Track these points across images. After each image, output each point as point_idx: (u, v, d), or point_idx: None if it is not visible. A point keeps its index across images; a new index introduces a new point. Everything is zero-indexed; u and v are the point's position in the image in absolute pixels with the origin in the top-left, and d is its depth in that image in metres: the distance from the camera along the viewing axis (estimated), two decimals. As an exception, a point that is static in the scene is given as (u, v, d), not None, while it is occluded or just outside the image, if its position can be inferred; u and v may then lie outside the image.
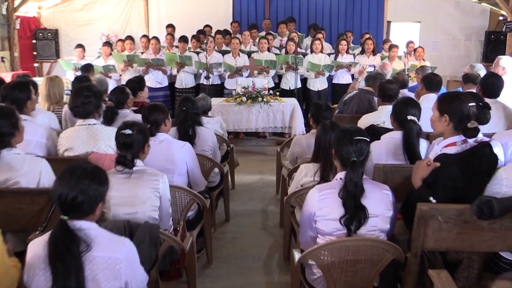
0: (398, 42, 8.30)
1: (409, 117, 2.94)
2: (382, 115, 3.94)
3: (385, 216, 2.27)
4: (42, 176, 2.48)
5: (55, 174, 2.50)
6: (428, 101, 4.04)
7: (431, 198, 2.30)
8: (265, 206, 4.81)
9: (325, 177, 2.90)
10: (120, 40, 7.98)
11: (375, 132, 3.72)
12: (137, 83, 4.77)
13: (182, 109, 3.81)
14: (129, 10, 10.08)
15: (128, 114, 4.05)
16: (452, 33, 10.27)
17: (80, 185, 1.78)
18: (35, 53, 9.92)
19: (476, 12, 10.16)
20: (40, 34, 9.83)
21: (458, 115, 2.37)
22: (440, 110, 2.44)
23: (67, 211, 1.79)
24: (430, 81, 4.17)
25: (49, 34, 9.90)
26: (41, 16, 10.10)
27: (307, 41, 8.94)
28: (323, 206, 2.24)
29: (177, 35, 8.06)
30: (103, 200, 1.89)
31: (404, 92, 4.70)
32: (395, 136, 3.04)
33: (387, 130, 3.71)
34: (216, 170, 3.92)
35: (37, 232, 2.29)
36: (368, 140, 2.29)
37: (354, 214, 2.20)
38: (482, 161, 2.29)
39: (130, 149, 2.46)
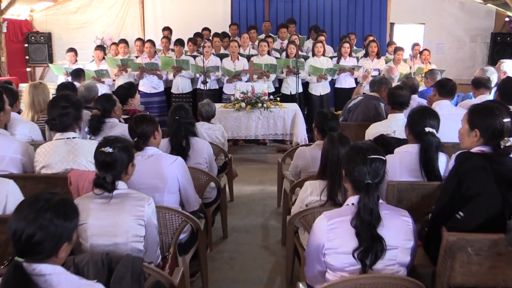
0: (402, 44, 7.99)
1: (427, 129, 2.62)
2: (393, 124, 3.63)
3: (405, 248, 1.95)
4: (9, 200, 2.17)
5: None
6: (441, 109, 3.74)
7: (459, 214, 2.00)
8: (266, 220, 4.49)
9: (332, 196, 2.58)
10: (114, 43, 7.68)
11: (386, 143, 3.41)
12: (127, 90, 4.45)
13: (174, 119, 3.50)
14: (124, 12, 9.79)
15: (116, 124, 3.74)
16: (457, 34, 9.98)
17: (40, 219, 1.47)
18: (27, 57, 9.63)
19: (482, 13, 9.88)
20: (32, 38, 9.54)
21: (490, 131, 2.06)
22: (470, 123, 2.13)
23: (23, 251, 1.47)
24: (444, 87, 3.85)
25: (42, 38, 9.61)
26: (33, 19, 9.80)
27: (308, 43, 8.64)
28: (333, 237, 1.92)
29: (174, 38, 7.76)
30: (69, 239, 1.56)
31: (415, 98, 4.39)
32: (411, 150, 2.72)
33: (399, 141, 3.41)
34: (212, 184, 3.60)
35: (1, 267, 1.96)
36: (384, 159, 1.98)
37: (370, 246, 1.87)
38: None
39: (111, 169, 2.14)
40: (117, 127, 3.67)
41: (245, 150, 7.20)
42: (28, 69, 9.78)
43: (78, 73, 5.97)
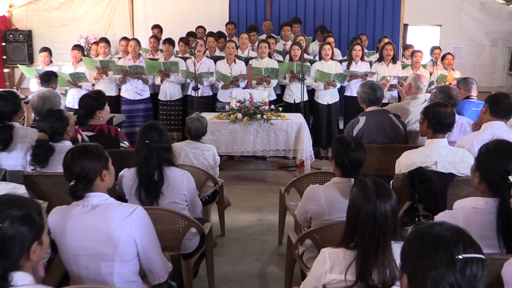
0: (417, 48, 7.14)
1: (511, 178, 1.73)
2: (433, 153, 2.75)
3: None
4: None
5: None
6: (494, 131, 2.87)
7: None
8: (264, 266, 3.59)
9: (365, 274, 1.70)
10: (94, 43, 6.80)
11: (425, 179, 2.53)
12: (94, 100, 3.57)
13: (144, 143, 2.62)
14: (112, 9, 8.93)
15: (68, 147, 2.84)
16: (477, 38, 9.13)
17: None
18: (4, 57, 8.75)
19: (504, 15, 9.02)
20: (11, 36, 8.67)
21: None
22: None
23: None
24: (498, 104, 2.97)
25: (21, 36, 8.74)
26: (12, 16, 8.94)
27: (314, 46, 7.77)
28: None
29: (165, 37, 6.88)
30: None
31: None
32: (483, 207, 1.84)
33: (443, 177, 2.53)
34: (194, 230, 2.71)
35: None
36: (484, 258, 1.09)
37: None
38: None
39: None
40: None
41: (241, 166, 6.31)
42: (6, 70, 8.90)
43: (47, 77, 5.07)
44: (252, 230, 4.21)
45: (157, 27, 7.64)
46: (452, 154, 2.76)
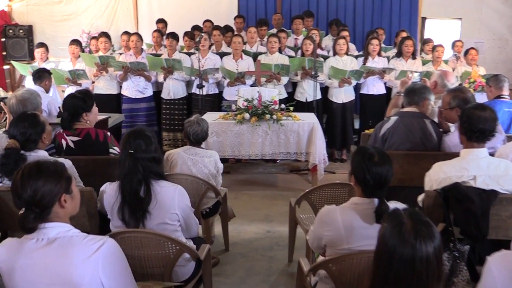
0: (436, 42, 6.67)
1: None
2: (471, 165, 2.31)
3: None
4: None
5: None
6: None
7: None
8: (272, 288, 3.19)
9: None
10: (94, 37, 6.43)
11: (463, 197, 2.10)
12: (80, 101, 3.17)
13: (128, 153, 2.22)
14: (116, 3, 8.54)
15: (43, 157, 2.47)
16: (499, 32, 8.55)
17: None
18: (4, 53, 8.43)
19: (530, 7, 8.46)
20: (10, 31, 8.32)
21: None
22: None
23: None
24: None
25: (21, 31, 8.39)
26: (12, 10, 8.60)
27: (328, 40, 7.32)
28: None
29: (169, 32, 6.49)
30: None
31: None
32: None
33: (484, 195, 2.10)
34: (187, 255, 2.30)
35: None
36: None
37: None
38: None
39: None
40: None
41: (249, 169, 5.90)
42: (6, 67, 8.58)
43: (39, 74, 4.73)
44: (259, 244, 3.80)
45: (161, 21, 7.25)
46: (494, 166, 2.32)
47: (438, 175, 2.35)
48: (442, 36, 8.17)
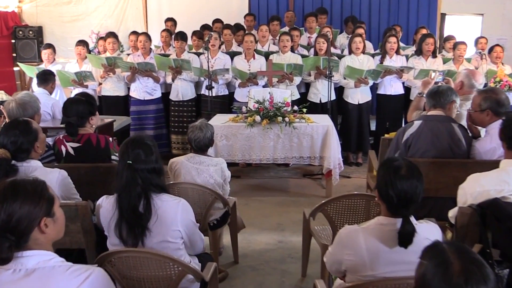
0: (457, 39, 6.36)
1: None
2: (512, 177, 2.05)
3: None
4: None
5: None
6: None
7: None
8: (285, 306, 2.96)
9: None
10: (101, 38, 6.27)
11: (504, 215, 1.84)
12: (87, 104, 2.98)
13: (126, 164, 2.02)
14: (125, 2, 8.39)
15: (36, 168, 2.28)
16: (524, 28, 8.20)
17: None
18: (14, 54, 8.34)
19: (555, 2, 8.07)
20: (20, 32, 8.23)
21: None
22: None
23: None
24: None
25: (31, 32, 8.29)
26: (22, 12, 8.51)
27: (342, 38, 7.06)
28: None
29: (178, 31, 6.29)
30: None
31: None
32: None
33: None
34: (191, 276, 2.09)
35: None
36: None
37: None
38: None
39: None
40: (38, 175, 2.20)
41: (260, 173, 5.68)
42: (16, 69, 8.49)
43: (44, 77, 4.58)
44: (270, 256, 3.57)
45: (170, 20, 7.06)
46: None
47: (474, 189, 2.09)
48: (462, 33, 7.84)
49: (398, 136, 2.98)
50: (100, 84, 5.80)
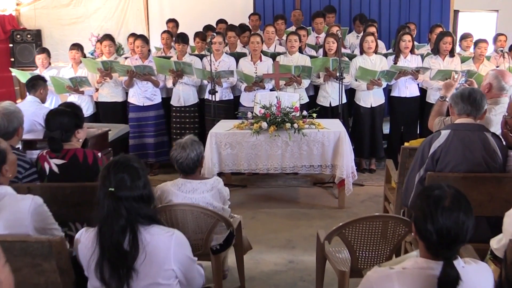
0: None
1: None
2: None
3: None
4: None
5: None
6: None
7: None
8: None
9: None
10: (98, 41, 5.97)
11: None
12: (73, 116, 2.67)
13: (107, 192, 1.69)
14: (126, 4, 8.11)
15: (5, 194, 1.96)
16: (542, 24, 7.79)
17: None
18: (12, 59, 8.08)
19: None
20: (18, 36, 7.96)
21: None
22: None
23: None
24: None
25: (29, 36, 8.02)
26: (20, 15, 8.25)
27: (351, 38, 6.71)
28: None
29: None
30: None
31: None
32: None
33: None
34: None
35: None
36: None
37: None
38: None
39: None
40: (6, 204, 1.90)
41: (268, 182, 5.35)
42: (13, 74, 8.22)
43: (32, 83, 4.27)
44: (280, 279, 3.24)
45: (172, 21, 6.75)
46: None
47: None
48: (476, 30, 7.47)
49: (423, 149, 2.63)
50: (96, 90, 5.49)
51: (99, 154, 2.71)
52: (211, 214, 2.58)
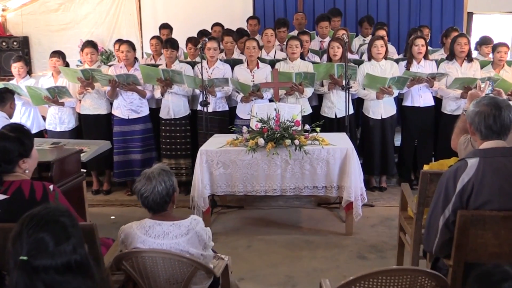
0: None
1: None
2: None
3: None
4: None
5: None
6: None
7: None
8: None
9: None
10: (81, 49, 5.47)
11: None
12: (16, 142, 2.16)
13: (20, 262, 1.17)
14: (117, 8, 7.67)
15: None
16: (561, 27, 7.27)
17: None
18: (-3, 68, 7.65)
19: None
20: (3, 44, 7.54)
21: None
22: None
23: None
24: None
25: (15, 43, 7.60)
26: (6, 21, 7.82)
27: (358, 42, 6.20)
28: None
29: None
30: None
31: None
32: None
33: None
34: None
35: None
36: None
37: None
38: None
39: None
40: None
41: (267, 202, 4.82)
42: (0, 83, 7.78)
43: (2, 96, 3.80)
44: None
45: (166, 27, 6.26)
46: None
47: None
48: (491, 33, 6.95)
49: (447, 184, 2.08)
50: (79, 100, 5.00)
51: (51, 187, 2.20)
52: (187, 261, 2.05)
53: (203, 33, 5.72)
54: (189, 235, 2.07)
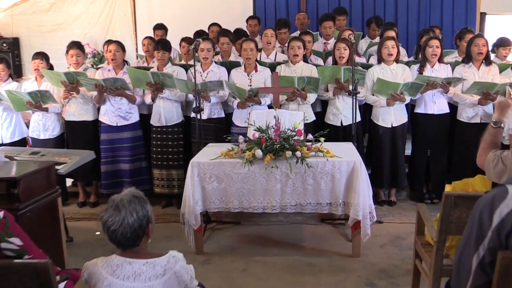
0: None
1: None
2: None
3: None
4: None
5: None
6: None
7: None
8: None
9: None
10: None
11: None
12: None
13: None
14: (111, 8, 7.34)
15: None
16: None
17: None
18: (-14, 70, 7.30)
19: None
20: (-7, 45, 7.22)
21: None
22: None
23: None
24: None
25: (5, 45, 7.31)
26: (-3, 22, 7.50)
27: (365, 43, 5.81)
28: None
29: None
30: None
31: None
32: None
33: None
34: None
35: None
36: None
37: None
38: None
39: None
40: None
41: (266, 218, 4.41)
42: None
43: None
44: None
45: (160, 28, 5.88)
46: None
47: None
48: (506, 35, 6.57)
49: (481, 216, 1.66)
50: (64, 105, 4.63)
51: (1, 213, 1.82)
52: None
53: (199, 34, 5.34)
54: (166, 276, 1.68)
